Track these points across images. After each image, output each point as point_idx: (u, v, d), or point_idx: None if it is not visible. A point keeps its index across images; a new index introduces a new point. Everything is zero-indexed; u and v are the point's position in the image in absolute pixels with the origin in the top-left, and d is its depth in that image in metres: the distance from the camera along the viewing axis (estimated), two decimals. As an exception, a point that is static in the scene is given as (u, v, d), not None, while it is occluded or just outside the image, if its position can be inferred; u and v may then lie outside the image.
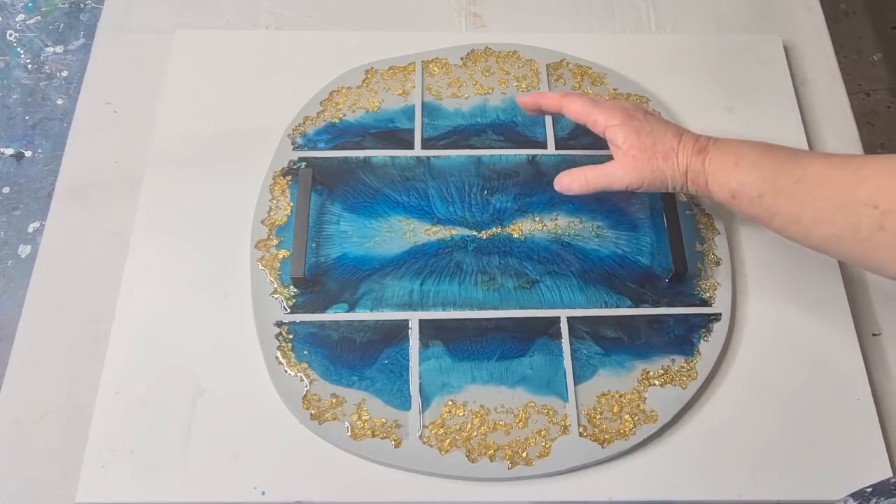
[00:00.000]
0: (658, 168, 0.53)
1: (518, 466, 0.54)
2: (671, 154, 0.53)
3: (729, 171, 0.51)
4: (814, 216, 0.46)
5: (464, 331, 0.58)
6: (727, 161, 0.51)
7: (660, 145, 0.53)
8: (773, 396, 0.57)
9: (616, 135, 0.54)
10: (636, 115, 0.54)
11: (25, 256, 1.21)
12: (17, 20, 1.42)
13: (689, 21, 0.77)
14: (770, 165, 0.49)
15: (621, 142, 0.54)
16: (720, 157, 0.52)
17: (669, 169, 0.53)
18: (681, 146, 0.53)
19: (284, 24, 0.75)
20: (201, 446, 0.54)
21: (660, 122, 0.55)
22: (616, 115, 0.54)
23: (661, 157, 0.53)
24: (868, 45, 1.48)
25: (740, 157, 0.51)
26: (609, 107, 0.55)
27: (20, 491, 0.54)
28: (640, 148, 0.53)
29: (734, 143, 0.53)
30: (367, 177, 0.65)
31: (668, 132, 0.54)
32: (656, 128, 0.54)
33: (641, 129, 0.54)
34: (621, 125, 0.54)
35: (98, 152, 0.67)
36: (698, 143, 0.53)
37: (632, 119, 0.54)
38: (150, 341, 0.58)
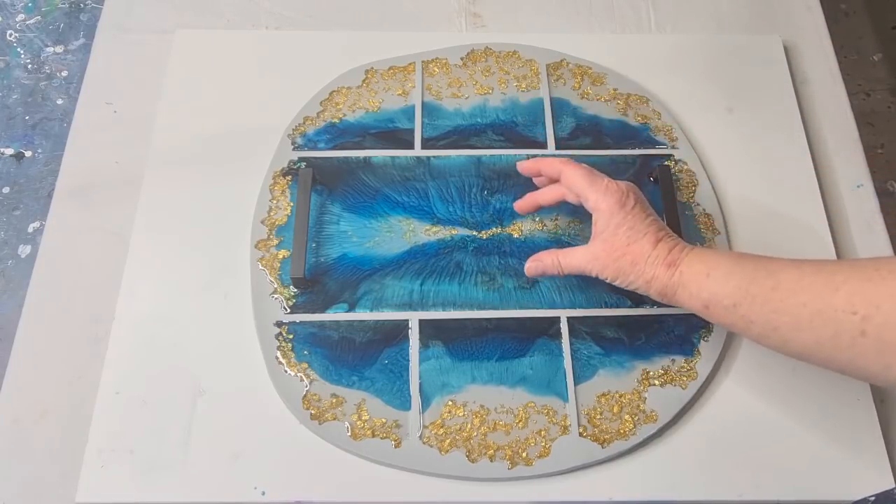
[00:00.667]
0: (622, 270, 0.52)
1: (518, 466, 0.54)
2: (639, 261, 0.52)
3: (700, 283, 0.50)
4: (791, 324, 0.45)
5: (464, 331, 0.58)
6: (698, 272, 0.50)
7: (633, 248, 0.52)
8: (773, 396, 0.57)
9: (598, 220, 0.53)
10: (626, 206, 0.53)
11: (25, 256, 1.21)
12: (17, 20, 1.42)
13: (689, 21, 0.77)
14: (742, 274, 0.48)
15: (599, 230, 0.53)
16: (691, 270, 0.50)
17: (633, 274, 0.52)
18: (652, 255, 0.52)
19: (284, 24, 0.75)
20: (201, 446, 0.54)
21: (644, 220, 0.53)
22: (607, 200, 0.53)
23: (629, 260, 0.52)
24: (868, 45, 1.48)
25: (712, 268, 0.50)
26: (604, 189, 0.53)
27: (20, 491, 0.54)
28: (612, 244, 0.52)
29: (705, 253, 0.51)
30: (367, 177, 0.65)
31: (646, 235, 0.52)
32: (637, 226, 0.52)
33: (622, 225, 0.52)
34: (607, 213, 0.53)
35: (98, 152, 0.67)
36: (671, 254, 0.51)
37: (620, 209, 0.52)
38: (150, 341, 0.58)
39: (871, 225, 0.66)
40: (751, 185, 0.67)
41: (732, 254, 0.51)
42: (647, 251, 0.52)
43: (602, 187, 0.53)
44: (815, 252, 0.63)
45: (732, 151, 0.68)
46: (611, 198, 0.53)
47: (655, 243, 0.52)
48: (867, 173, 0.69)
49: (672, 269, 0.51)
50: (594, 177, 0.54)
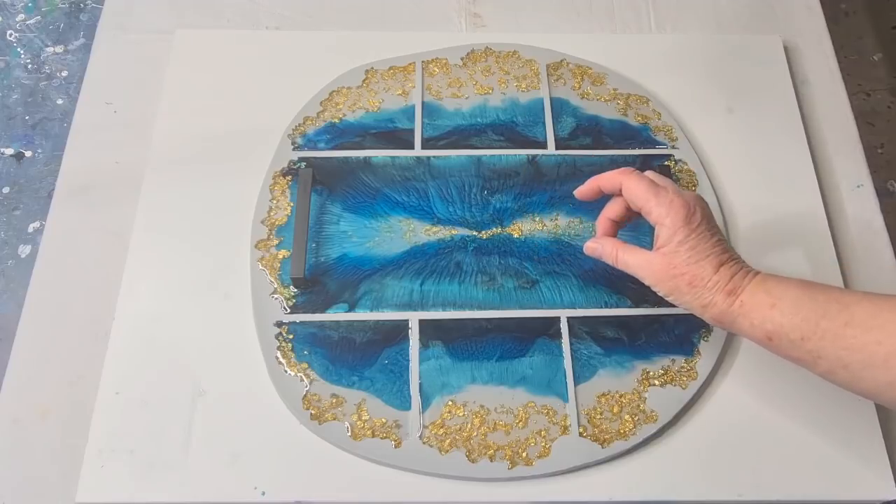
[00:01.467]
0: (678, 289, 0.50)
1: (518, 466, 0.54)
2: (698, 283, 0.49)
3: (764, 313, 0.47)
4: (865, 362, 0.43)
5: (464, 331, 0.58)
6: (762, 302, 0.47)
7: (693, 268, 0.49)
8: (773, 396, 0.57)
9: (660, 234, 0.50)
10: (691, 223, 0.49)
11: (25, 256, 1.21)
12: (17, 20, 1.42)
13: (689, 21, 0.77)
14: (812, 306, 0.46)
15: (661, 243, 0.50)
16: (753, 299, 0.48)
17: (689, 295, 0.49)
18: (712, 280, 0.49)
19: (284, 24, 0.75)
20: (201, 446, 0.54)
21: (709, 240, 0.50)
22: (671, 215, 0.49)
23: (687, 280, 0.49)
24: (868, 45, 1.48)
25: (777, 298, 0.47)
26: (668, 203, 0.50)
27: (20, 491, 0.54)
28: (671, 261, 0.49)
29: (769, 281, 0.48)
30: (367, 177, 0.65)
31: (709, 257, 0.49)
32: (700, 246, 0.49)
33: (685, 242, 0.49)
34: (670, 229, 0.49)
35: (98, 152, 0.67)
36: (732, 281, 0.49)
37: (684, 226, 0.49)
38: (150, 341, 0.58)
39: (871, 225, 0.66)
40: (751, 185, 0.67)
41: (799, 283, 0.48)
42: (708, 275, 0.49)
43: (667, 201, 0.50)
44: (815, 252, 0.63)
45: (732, 151, 0.68)
46: (676, 214, 0.49)
47: (717, 267, 0.49)
48: (867, 173, 0.69)
49: (732, 297, 0.48)
50: (658, 189, 0.51)
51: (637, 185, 0.51)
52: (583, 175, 0.65)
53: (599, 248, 0.54)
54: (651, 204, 0.50)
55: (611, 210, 0.55)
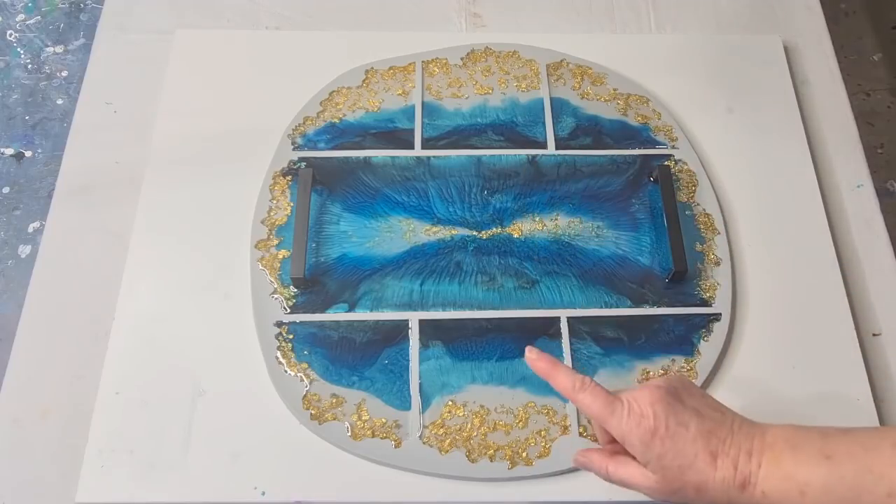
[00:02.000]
0: (690, 499, 0.44)
1: (518, 466, 0.54)
2: (704, 487, 0.43)
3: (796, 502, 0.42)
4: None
5: (464, 331, 0.58)
6: (788, 491, 0.42)
7: (690, 475, 0.43)
8: (773, 396, 0.57)
9: (636, 454, 0.45)
10: (658, 430, 0.44)
11: (25, 256, 1.21)
12: (17, 20, 1.42)
13: (689, 21, 0.77)
14: (846, 486, 0.41)
15: (644, 463, 0.45)
16: (777, 491, 0.42)
17: (704, 501, 0.44)
18: (716, 479, 0.43)
19: (284, 24, 0.75)
20: (201, 446, 0.54)
21: (686, 435, 0.44)
22: (635, 431, 0.44)
23: (692, 489, 0.44)
24: (868, 45, 1.48)
25: (803, 485, 0.42)
26: (625, 419, 0.44)
27: (20, 491, 0.54)
28: (664, 476, 0.44)
29: (780, 460, 0.43)
30: (367, 177, 0.65)
31: (697, 456, 0.43)
32: (683, 449, 0.44)
33: (664, 456, 0.44)
34: (640, 447, 0.44)
35: (98, 152, 0.67)
36: (739, 472, 0.43)
37: (652, 439, 0.44)
38: (150, 341, 0.58)
39: (871, 225, 0.66)
40: (751, 185, 0.67)
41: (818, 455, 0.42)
42: (709, 475, 0.43)
43: (624, 416, 0.45)
44: (815, 252, 0.63)
45: (732, 151, 0.68)
46: (637, 429, 0.44)
47: (713, 462, 0.43)
48: (867, 173, 0.69)
49: (749, 488, 0.43)
50: (613, 404, 0.45)
51: (591, 405, 0.46)
52: (583, 175, 0.65)
53: (588, 462, 0.49)
54: (611, 424, 0.45)
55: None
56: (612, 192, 0.65)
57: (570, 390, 0.47)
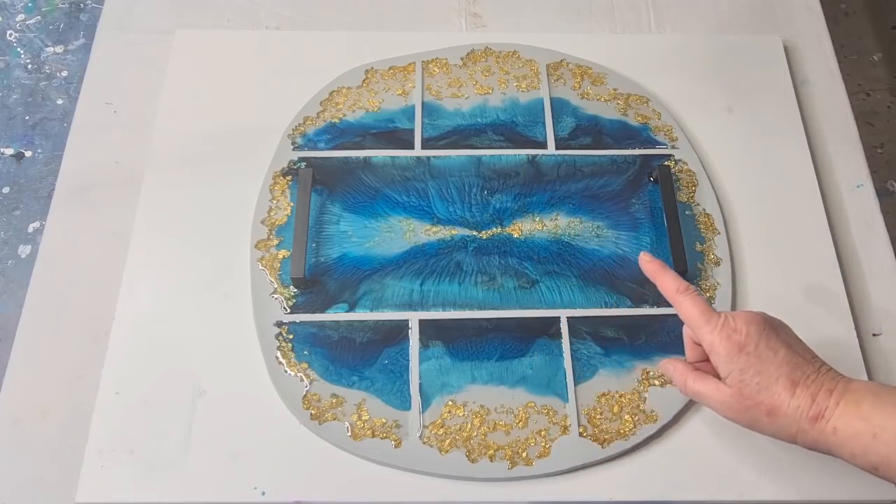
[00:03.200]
0: (758, 421, 0.45)
1: (518, 466, 0.54)
2: (777, 412, 0.44)
3: (866, 444, 0.42)
4: None
5: (464, 331, 0.58)
6: (860, 431, 0.42)
7: (765, 396, 0.44)
8: (773, 396, 0.57)
9: (718, 364, 0.46)
10: (745, 348, 0.45)
11: (25, 256, 1.21)
12: (17, 20, 1.42)
13: (689, 21, 0.77)
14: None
15: (723, 376, 0.46)
16: (850, 428, 0.43)
17: (772, 426, 0.45)
18: (791, 405, 0.44)
19: (284, 24, 0.75)
20: (201, 446, 0.54)
21: (773, 359, 0.45)
22: (724, 342, 0.46)
23: (765, 412, 0.45)
24: (868, 45, 1.48)
25: (878, 427, 0.42)
26: (719, 329, 0.46)
27: (20, 491, 0.54)
28: (741, 392, 0.45)
29: (861, 400, 0.43)
30: (367, 177, 0.65)
31: (779, 380, 0.44)
32: (766, 370, 0.45)
33: (747, 370, 0.45)
34: (724, 357, 0.46)
35: (98, 152, 0.67)
36: (815, 405, 0.44)
37: (739, 353, 0.45)
38: (150, 341, 0.58)
39: (871, 225, 0.66)
40: (751, 185, 0.67)
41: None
42: (785, 400, 0.44)
43: (717, 327, 0.46)
44: (815, 252, 0.63)
45: (732, 151, 0.68)
46: (727, 341, 0.46)
47: (792, 389, 0.44)
48: (867, 173, 0.69)
49: (821, 422, 0.44)
50: (710, 315, 0.47)
51: (690, 310, 0.48)
52: (583, 175, 0.65)
53: (671, 370, 0.51)
54: (703, 331, 0.47)
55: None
56: (612, 192, 0.65)
57: (672, 292, 0.49)
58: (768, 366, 0.45)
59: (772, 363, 0.45)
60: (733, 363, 0.45)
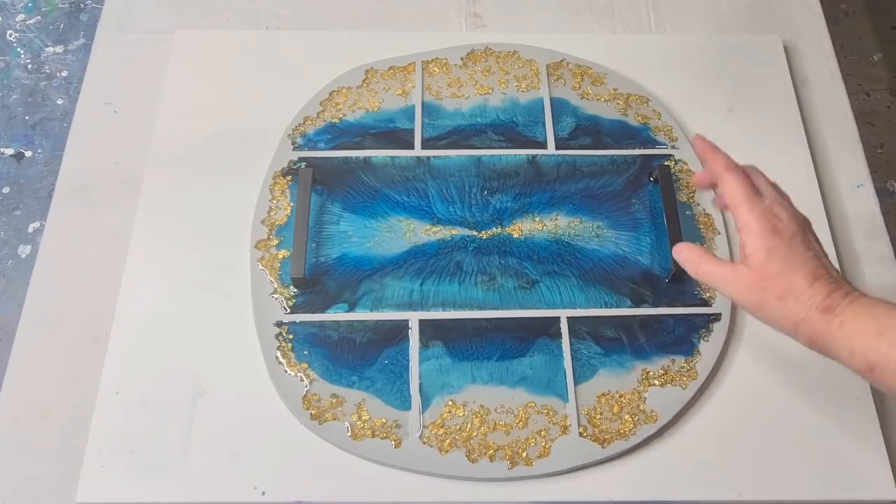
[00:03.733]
0: (766, 302, 0.45)
1: (518, 466, 0.54)
2: (789, 296, 0.44)
3: (868, 342, 0.42)
4: None
5: (464, 331, 0.58)
6: (867, 329, 0.42)
7: (783, 279, 0.45)
8: (773, 396, 0.57)
9: (747, 242, 0.47)
10: (782, 233, 0.46)
11: (25, 256, 1.21)
12: (17, 20, 1.42)
13: (689, 21, 0.77)
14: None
15: (748, 253, 0.46)
16: (857, 324, 0.43)
17: (778, 310, 0.45)
18: (807, 293, 0.44)
19: (284, 24, 0.75)
20: (201, 446, 0.54)
21: (803, 252, 0.45)
22: (760, 222, 0.46)
23: (777, 294, 0.45)
24: (868, 45, 1.48)
25: (885, 327, 0.42)
26: (759, 210, 0.46)
27: (20, 491, 0.54)
28: (760, 271, 0.45)
29: (875, 304, 0.43)
30: (367, 177, 0.65)
31: (803, 268, 0.45)
32: (793, 257, 0.45)
33: (774, 251, 0.45)
34: (758, 235, 0.46)
35: (98, 152, 0.67)
36: (830, 298, 0.44)
37: (773, 235, 0.46)
38: (150, 341, 0.58)
39: (871, 225, 0.66)
40: (751, 185, 0.66)
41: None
42: (802, 287, 0.44)
43: (758, 211, 0.47)
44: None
45: (732, 151, 0.68)
46: (765, 223, 0.46)
47: (812, 280, 0.44)
48: (867, 173, 0.69)
49: (829, 315, 0.44)
50: (753, 197, 0.47)
51: (735, 185, 0.48)
52: (583, 175, 0.65)
53: (684, 252, 0.51)
54: (741, 209, 0.47)
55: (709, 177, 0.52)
56: (612, 192, 0.65)
57: (721, 166, 0.49)
58: (796, 255, 0.45)
59: (800, 254, 0.45)
60: (765, 241, 0.46)
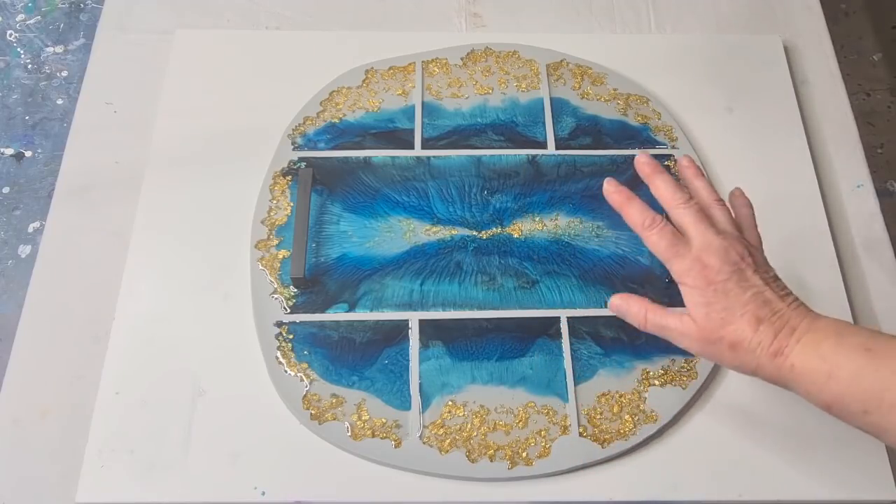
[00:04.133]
0: (720, 355, 0.45)
1: (518, 466, 0.54)
2: (738, 347, 0.44)
3: (821, 384, 0.42)
4: None
5: (464, 331, 0.58)
6: (817, 370, 0.42)
7: (729, 330, 0.44)
8: (773, 396, 0.57)
9: (685, 295, 0.46)
10: (715, 283, 0.45)
11: (25, 256, 1.21)
12: (17, 20, 1.42)
13: (689, 21, 0.77)
14: (875, 378, 0.41)
15: (689, 307, 0.46)
16: (806, 366, 0.43)
17: (733, 360, 0.45)
18: (753, 341, 0.44)
19: (284, 24, 0.75)
20: (201, 446, 0.54)
21: (742, 297, 0.44)
22: (692, 274, 0.45)
23: (727, 345, 0.44)
24: (868, 45, 1.48)
25: (835, 367, 0.42)
26: (688, 262, 0.46)
27: (20, 491, 0.54)
28: (705, 326, 0.45)
29: (825, 344, 0.43)
30: (367, 177, 0.65)
31: (744, 316, 0.44)
32: (733, 305, 0.44)
33: (713, 304, 0.45)
34: (692, 289, 0.45)
35: (98, 152, 0.67)
36: (776, 341, 0.44)
37: (706, 287, 0.45)
38: (150, 341, 0.58)
39: (871, 225, 0.66)
40: (751, 185, 0.66)
41: (860, 346, 0.42)
42: (748, 336, 0.44)
43: (687, 261, 0.46)
44: (815, 252, 0.63)
45: (732, 151, 0.68)
46: (697, 273, 0.45)
47: (756, 326, 0.44)
48: (867, 173, 0.69)
49: (780, 358, 0.44)
50: (678, 245, 0.47)
51: (657, 244, 0.47)
52: (583, 175, 0.65)
53: (625, 306, 0.50)
54: (672, 264, 0.47)
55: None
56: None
57: (639, 226, 0.49)
58: (735, 303, 0.45)
59: (739, 300, 0.45)
60: (700, 297, 0.45)
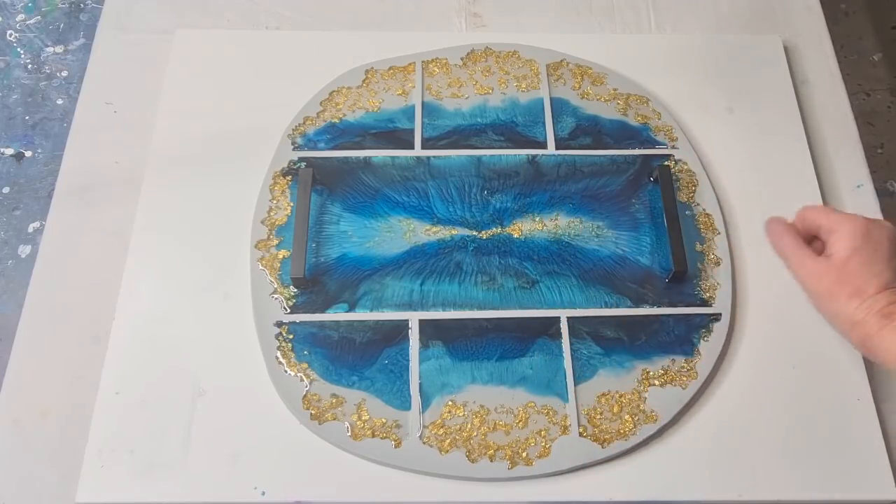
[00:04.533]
0: (835, 297, 0.49)
1: (518, 466, 0.54)
2: (856, 297, 0.48)
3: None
4: None
5: (464, 331, 0.58)
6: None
7: (857, 280, 0.48)
8: (773, 396, 0.57)
9: (836, 241, 0.50)
10: (869, 236, 0.49)
11: (25, 256, 1.21)
12: (17, 20, 1.42)
13: (689, 21, 0.77)
14: None
15: (835, 250, 0.50)
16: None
17: (843, 307, 0.48)
18: (872, 298, 0.47)
19: (284, 24, 0.75)
20: (201, 446, 0.54)
21: (883, 262, 0.49)
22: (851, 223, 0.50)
23: (848, 292, 0.48)
24: (868, 45, 1.48)
25: None
26: (849, 216, 0.50)
27: (20, 491, 0.54)
28: (841, 269, 0.49)
29: None
30: (367, 177, 0.65)
31: (878, 277, 0.48)
32: (873, 265, 0.48)
33: (859, 253, 0.49)
34: (848, 235, 0.49)
35: (98, 152, 0.67)
36: (890, 306, 0.47)
37: (864, 236, 0.49)
38: (150, 341, 0.58)
39: (871, 225, 0.66)
40: (751, 185, 0.67)
41: None
42: (870, 292, 0.48)
43: (848, 215, 0.51)
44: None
45: (732, 151, 0.68)
46: (855, 224, 0.50)
47: (881, 288, 0.48)
48: (867, 173, 0.69)
49: (885, 320, 0.47)
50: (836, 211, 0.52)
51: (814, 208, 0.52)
52: (583, 175, 0.65)
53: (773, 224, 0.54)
54: (831, 216, 0.51)
55: None
56: (612, 192, 0.65)
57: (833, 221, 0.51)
58: (879, 262, 0.48)
59: (883, 262, 0.48)
60: (852, 241, 0.49)
